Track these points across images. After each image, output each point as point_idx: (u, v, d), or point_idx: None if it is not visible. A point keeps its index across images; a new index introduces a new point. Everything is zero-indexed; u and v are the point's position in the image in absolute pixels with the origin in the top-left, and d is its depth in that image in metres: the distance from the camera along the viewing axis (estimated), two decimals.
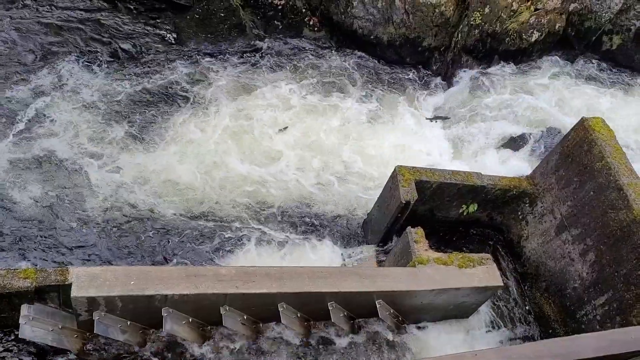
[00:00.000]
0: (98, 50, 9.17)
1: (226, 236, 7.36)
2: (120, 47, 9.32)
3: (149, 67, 9.24)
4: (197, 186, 7.82)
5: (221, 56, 9.81)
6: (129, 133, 8.25)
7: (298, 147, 8.72)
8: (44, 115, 8.08)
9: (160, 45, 9.61)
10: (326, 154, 8.72)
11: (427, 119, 9.79)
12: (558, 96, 10.58)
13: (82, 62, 8.94)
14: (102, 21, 9.51)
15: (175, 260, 6.94)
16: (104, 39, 9.33)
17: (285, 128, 8.88)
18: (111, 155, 7.91)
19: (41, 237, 6.75)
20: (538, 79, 10.76)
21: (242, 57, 9.92)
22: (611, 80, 11.21)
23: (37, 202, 7.07)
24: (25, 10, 9.21)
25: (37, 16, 9.19)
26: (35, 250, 6.60)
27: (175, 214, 7.44)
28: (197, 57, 9.65)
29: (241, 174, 8.11)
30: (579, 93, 10.71)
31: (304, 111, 9.31)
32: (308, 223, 7.73)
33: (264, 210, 7.81)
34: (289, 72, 9.89)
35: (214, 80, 9.37)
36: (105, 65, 9.04)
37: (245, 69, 9.74)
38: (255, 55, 10.01)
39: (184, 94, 9.04)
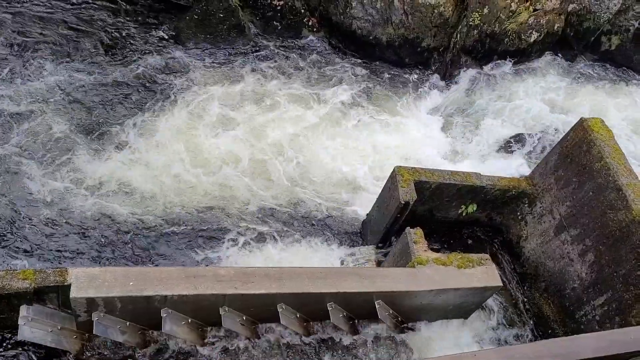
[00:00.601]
0: (85, 48, 8.91)
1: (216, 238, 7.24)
2: (106, 45, 9.09)
3: (134, 65, 8.99)
4: (196, 183, 7.82)
5: (216, 56, 9.71)
6: (82, 131, 7.87)
7: (291, 146, 8.71)
8: None
9: (151, 45, 9.41)
10: (319, 151, 8.69)
11: None
12: (557, 96, 10.59)
13: (60, 59, 8.61)
14: (97, 19, 9.38)
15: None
16: (92, 36, 9.13)
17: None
18: (60, 155, 7.51)
19: None
20: (537, 79, 10.77)
21: (238, 57, 9.86)
22: (610, 81, 11.23)
23: None
24: (15, 4, 9.04)
25: (28, 11, 9.00)
26: None
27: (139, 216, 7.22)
28: (192, 57, 9.50)
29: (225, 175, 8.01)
30: (577, 93, 10.73)
31: (296, 110, 9.26)
32: (304, 223, 7.71)
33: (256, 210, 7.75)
34: (287, 73, 9.87)
35: (201, 79, 9.18)
36: (86, 63, 8.78)
37: (240, 68, 9.67)
38: (251, 55, 9.97)
39: (166, 92, 8.81)
